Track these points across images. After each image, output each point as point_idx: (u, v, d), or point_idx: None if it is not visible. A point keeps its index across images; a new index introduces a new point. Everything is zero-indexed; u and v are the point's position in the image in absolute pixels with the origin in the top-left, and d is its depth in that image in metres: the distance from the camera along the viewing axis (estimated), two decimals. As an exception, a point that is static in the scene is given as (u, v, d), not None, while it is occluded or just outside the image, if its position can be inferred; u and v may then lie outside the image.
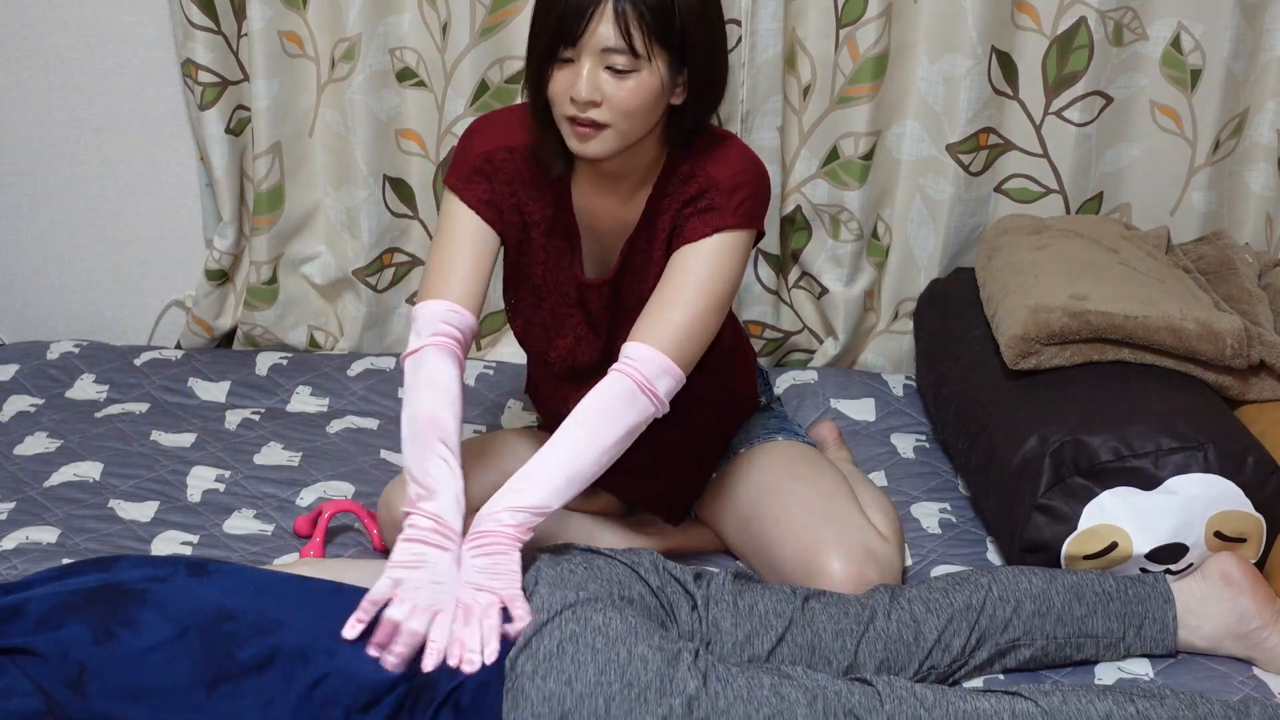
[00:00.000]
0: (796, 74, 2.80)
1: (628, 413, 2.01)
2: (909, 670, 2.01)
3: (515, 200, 2.13)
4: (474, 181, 2.12)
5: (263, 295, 3.00)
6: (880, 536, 2.19)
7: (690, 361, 2.06)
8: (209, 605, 1.82)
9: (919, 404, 2.82)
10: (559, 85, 1.97)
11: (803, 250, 2.95)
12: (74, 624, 1.77)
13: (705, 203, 2.05)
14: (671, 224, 2.09)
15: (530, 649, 1.82)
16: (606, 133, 1.98)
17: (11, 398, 2.84)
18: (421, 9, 2.80)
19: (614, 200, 2.12)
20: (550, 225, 2.15)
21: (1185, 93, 2.81)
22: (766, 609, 2.01)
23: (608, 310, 2.18)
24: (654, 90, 1.97)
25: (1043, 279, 2.49)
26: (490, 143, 2.13)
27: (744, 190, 2.06)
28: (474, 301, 2.10)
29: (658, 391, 2.02)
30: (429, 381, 2.03)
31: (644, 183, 2.11)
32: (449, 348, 2.06)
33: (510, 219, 2.14)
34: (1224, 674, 2.07)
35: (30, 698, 1.73)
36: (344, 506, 2.39)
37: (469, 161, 2.12)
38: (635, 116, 1.97)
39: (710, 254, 2.05)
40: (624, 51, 1.93)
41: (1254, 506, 2.18)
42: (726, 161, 2.07)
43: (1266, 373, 2.44)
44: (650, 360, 2.01)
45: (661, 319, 2.03)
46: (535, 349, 2.27)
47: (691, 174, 2.07)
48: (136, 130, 2.98)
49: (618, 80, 1.94)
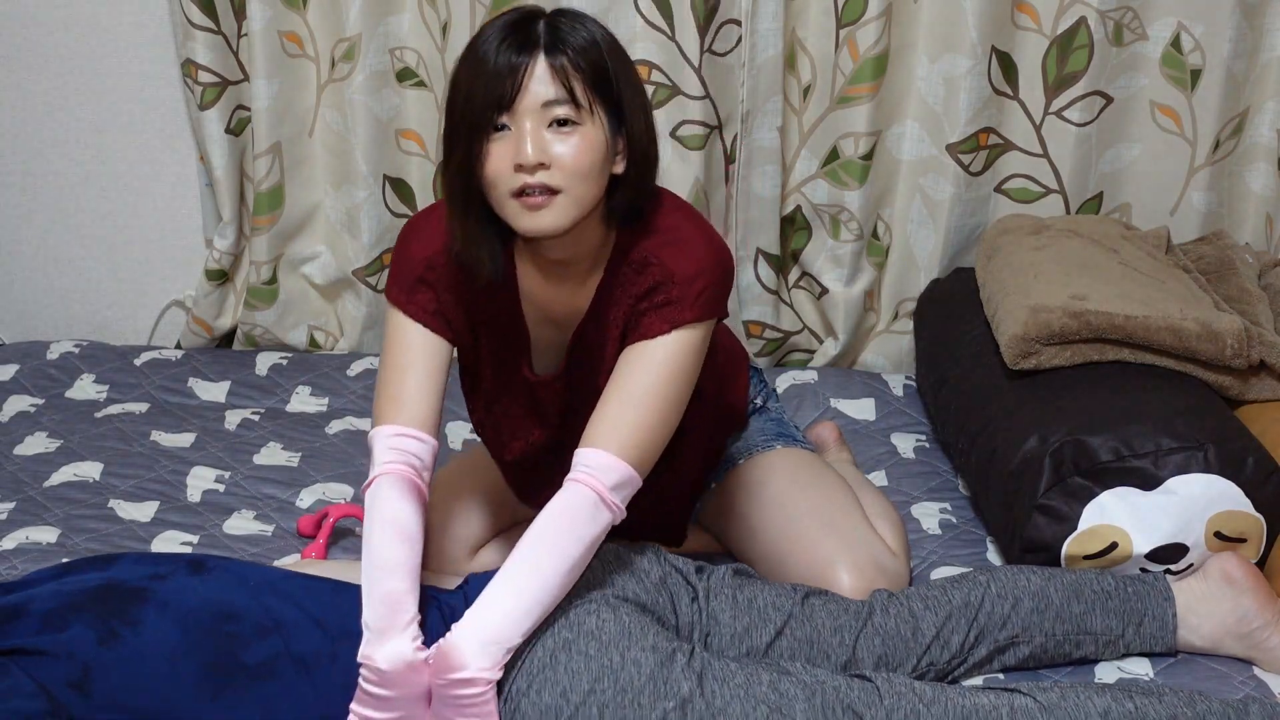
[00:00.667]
0: (796, 74, 2.80)
1: (589, 527, 1.87)
2: (907, 666, 2.01)
3: (462, 305, 2.01)
4: (418, 292, 1.99)
5: (263, 295, 3.00)
6: (888, 550, 2.19)
7: (649, 463, 1.92)
8: (211, 604, 1.83)
9: (919, 404, 2.82)
10: (498, 159, 1.83)
11: (803, 250, 2.95)
12: (78, 625, 1.77)
13: (662, 297, 1.92)
14: (625, 319, 1.96)
15: (523, 664, 1.82)
16: (559, 200, 1.83)
17: (11, 398, 2.84)
18: (421, 9, 2.80)
19: (564, 290, 2.00)
20: (496, 324, 2.04)
21: (1185, 93, 2.81)
22: (766, 603, 2.01)
23: (559, 407, 2.09)
24: (600, 147, 1.84)
25: (1042, 279, 2.49)
26: (429, 246, 1.99)
27: (703, 279, 1.92)
28: (429, 422, 1.97)
29: (617, 502, 1.89)
30: (383, 520, 1.90)
31: (592, 270, 1.98)
32: (405, 475, 1.92)
33: (459, 325, 2.03)
34: (1224, 674, 2.07)
35: (33, 699, 1.73)
36: (349, 510, 2.39)
37: (411, 271, 1.99)
38: (586, 177, 1.84)
39: (669, 351, 1.92)
40: (565, 101, 1.81)
41: (1254, 506, 2.18)
42: (684, 250, 1.94)
43: (1266, 373, 2.44)
44: (611, 469, 1.88)
45: (620, 421, 1.90)
46: (492, 449, 2.21)
47: (645, 263, 1.94)
48: (136, 130, 2.98)
49: (563, 137, 1.82)
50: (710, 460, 2.31)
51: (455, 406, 2.81)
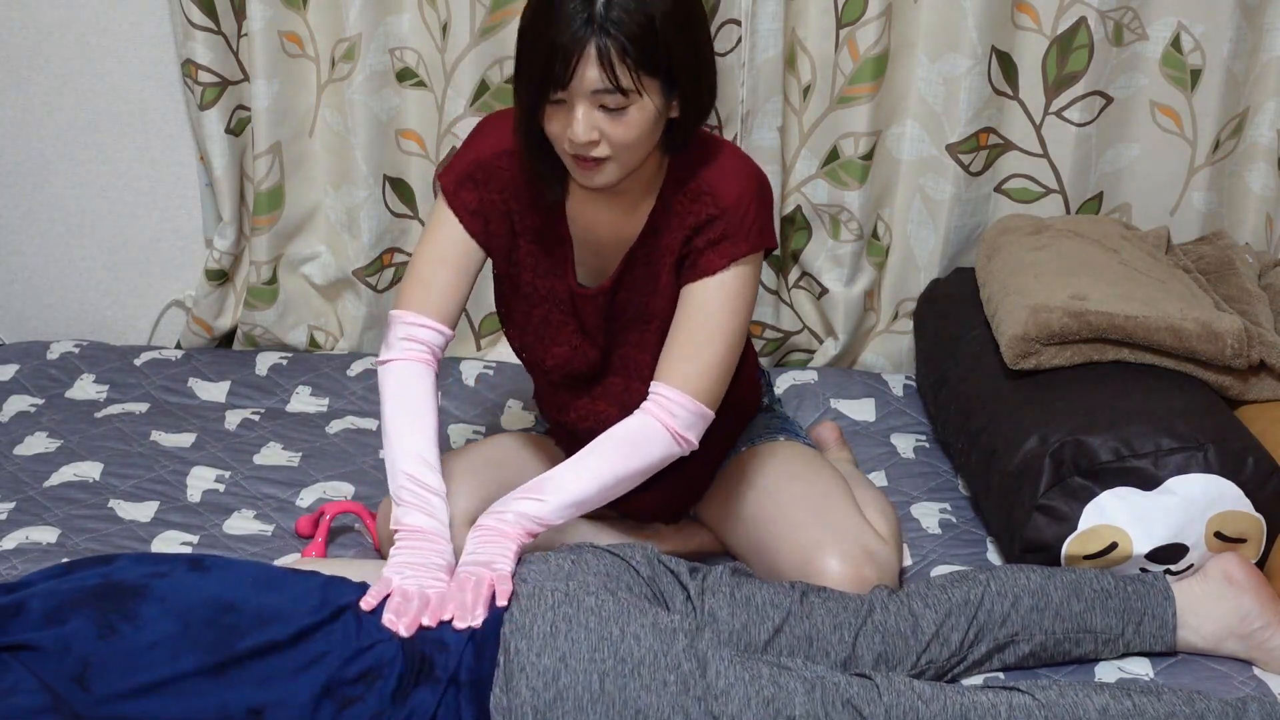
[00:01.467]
0: (796, 74, 2.80)
1: (656, 455, 2.05)
2: (906, 664, 2.02)
3: (505, 208, 2.13)
4: (463, 188, 2.12)
5: (263, 295, 3.00)
6: (879, 537, 2.19)
7: (719, 399, 2.08)
8: (210, 598, 1.83)
9: (919, 404, 2.82)
10: (555, 126, 1.96)
11: (803, 250, 2.95)
12: (77, 619, 1.78)
13: (718, 231, 2.04)
14: (680, 249, 2.07)
15: (525, 630, 1.83)
16: (609, 165, 1.97)
17: (11, 398, 2.84)
18: (421, 9, 2.80)
19: (613, 213, 2.11)
20: (540, 233, 2.14)
21: (1185, 93, 2.81)
22: (764, 600, 2.01)
23: (603, 319, 2.17)
24: (650, 119, 1.95)
25: (1043, 279, 2.49)
26: (491, 147, 2.12)
27: (752, 208, 2.05)
28: (450, 316, 2.14)
29: (689, 437, 2.06)
30: (403, 397, 2.09)
31: (645, 195, 2.10)
32: (422, 359, 2.11)
33: (496, 229, 2.14)
34: (1224, 674, 2.07)
35: (35, 694, 1.74)
36: (345, 507, 2.39)
37: (463, 166, 2.13)
38: (636, 147, 1.97)
39: (728, 287, 2.06)
40: (613, 91, 1.90)
41: (1254, 507, 2.18)
42: (730, 177, 2.06)
43: (1266, 373, 2.44)
44: (686, 409, 2.04)
45: (692, 361, 2.05)
46: (531, 357, 2.27)
47: (699, 192, 2.06)
48: (136, 130, 2.98)
49: (613, 118, 1.93)
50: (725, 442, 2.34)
51: (455, 407, 2.82)
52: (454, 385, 2.88)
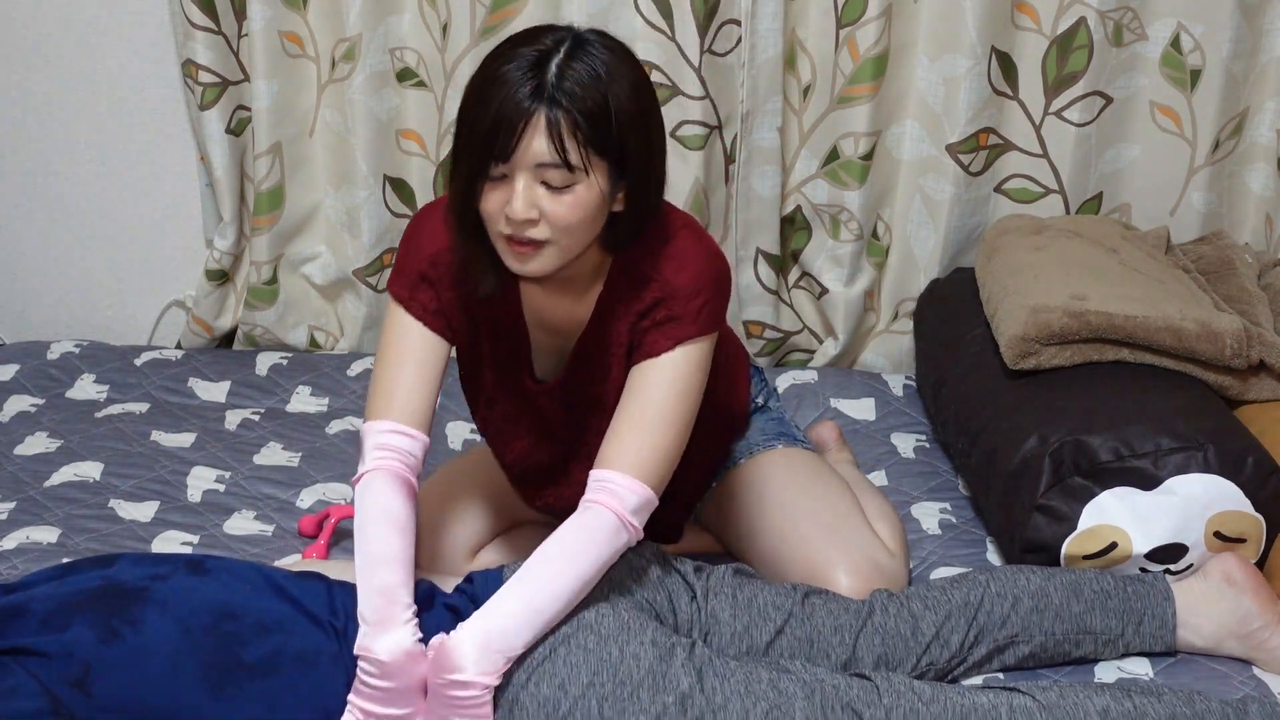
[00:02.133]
0: (796, 74, 2.80)
1: (607, 549, 1.89)
2: (907, 665, 2.02)
3: (463, 303, 2.01)
4: (419, 290, 2.00)
5: (263, 295, 3.00)
6: (887, 551, 2.19)
7: (665, 482, 1.95)
8: (211, 603, 1.83)
9: (919, 404, 2.82)
10: (492, 203, 1.84)
11: (803, 250, 2.95)
12: (79, 624, 1.78)
13: (664, 313, 1.94)
14: (629, 335, 1.97)
15: (522, 657, 1.82)
16: (547, 250, 1.86)
17: (11, 398, 2.84)
18: (421, 9, 2.80)
19: (565, 300, 2.01)
20: (496, 327, 2.05)
21: (1185, 93, 2.81)
22: (766, 602, 2.01)
23: (561, 412, 2.10)
24: (594, 203, 1.84)
25: (1042, 279, 2.49)
26: (435, 243, 1.99)
27: (703, 295, 1.94)
28: (423, 420, 1.98)
29: (636, 524, 1.91)
30: (375, 513, 1.92)
31: (594, 281, 2.00)
32: (397, 472, 1.94)
33: (459, 325, 2.03)
34: (1224, 674, 2.08)
35: (35, 698, 1.74)
36: (351, 512, 2.39)
37: (415, 267, 2.00)
38: (576, 231, 1.85)
39: (675, 368, 1.94)
40: (559, 166, 1.80)
41: (1254, 507, 2.18)
42: (683, 264, 1.94)
43: (1266, 373, 2.44)
44: (632, 492, 1.90)
45: (635, 444, 1.91)
46: (495, 450, 2.21)
47: (646, 278, 1.95)
48: (136, 130, 2.98)
49: (555, 196, 1.82)
50: (714, 462, 2.31)
51: (456, 406, 2.82)
52: (453, 385, 2.87)
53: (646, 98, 1.87)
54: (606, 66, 1.82)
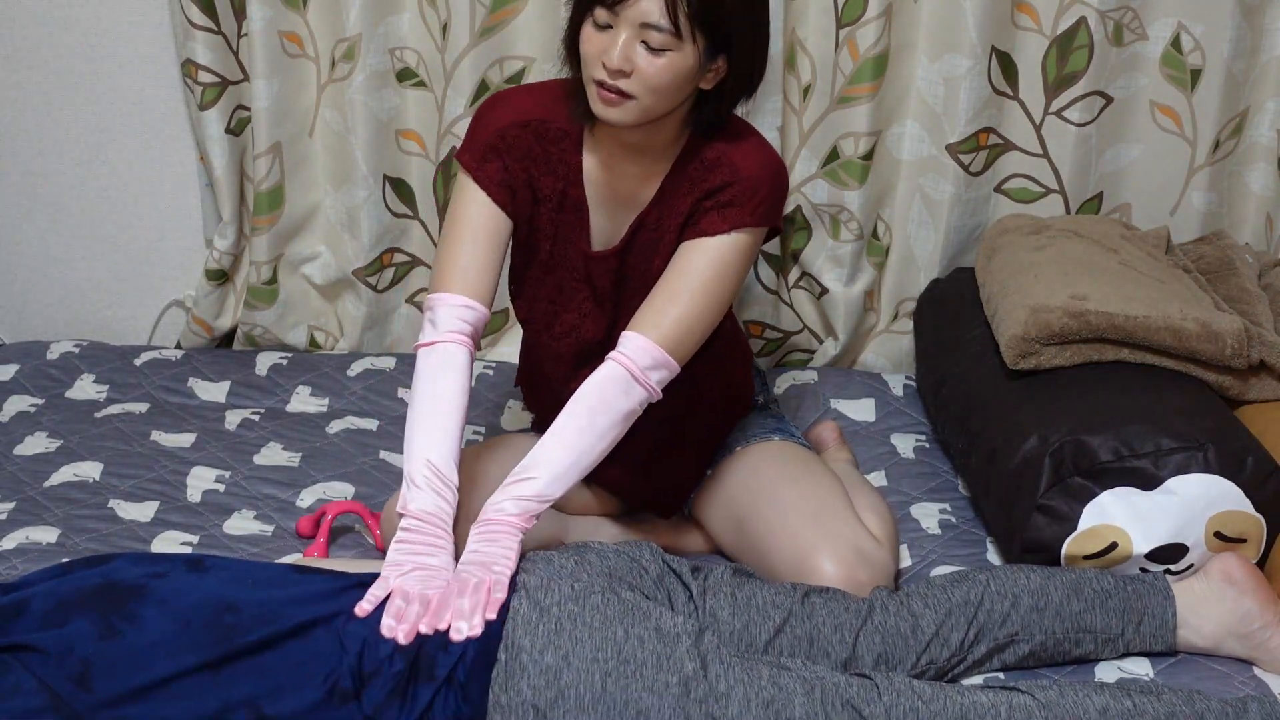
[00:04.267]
0: (796, 74, 2.80)
1: (622, 400, 2.04)
2: (906, 664, 2.02)
3: (527, 175, 2.14)
4: (488, 160, 2.13)
5: (263, 295, 3.00)
6: (873, 539, 2.19)
7: (687, 355, 2.08)
8: (210, 598, 1.84)
9: (919, 404, 2.82)
10: (592, 46, 1.97)
11: (803, 250, 2.95)
12: (78, 620, 1.78)
13: (727, 196, 2.06)
14: (689, 210, 2.09)
15: (529, 627, 1.83)
16: (630, 104, 1.98)
17: (11, 398, 2.84)
18: (421, 9, 2.80)
19: (629, 174, 2.13)
20: (559, 199, 2.15)
21: (1185, 93, 2.81)
22: (765, 600, 2.01)
23: (613, 283, 2.18)
24: (686, 71, 1.96)
25: (1042, 279, 2.49)
26: (505, 117, 2.13)
27: (767, 186, 2.07)
28: (488, 294, 2.13)
29: (650, 381, 2.05)
30: (442, 378, 2.07)
31: (661, 159, 2.11)
32: (464, 344, 2.10)
33: (522, 196, 2.15)
34: (1224, 674, 2.08)
35: (35, 695, 1.74)
36: (346, 507, 2.39)
37: (484, 138, 2.13)
38: (662, 93, 1.97)
39: (722, 251, 2.07)
40: (664, 30, 1.92)
41: (1254, 506, 2.18)
42: (751, 156, 2.08)
43: (1266, 373, 2.44)
44: (646, 352, 2.04)
45: (663, 312, 2.06)
46: (540, 325, 2.27)
47: (717, 162, 2.07)
48: (136, 130, 2.98)
49: (651, 55, 1.94)
50: (716, 436, 2.34)
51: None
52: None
53: None
54: None
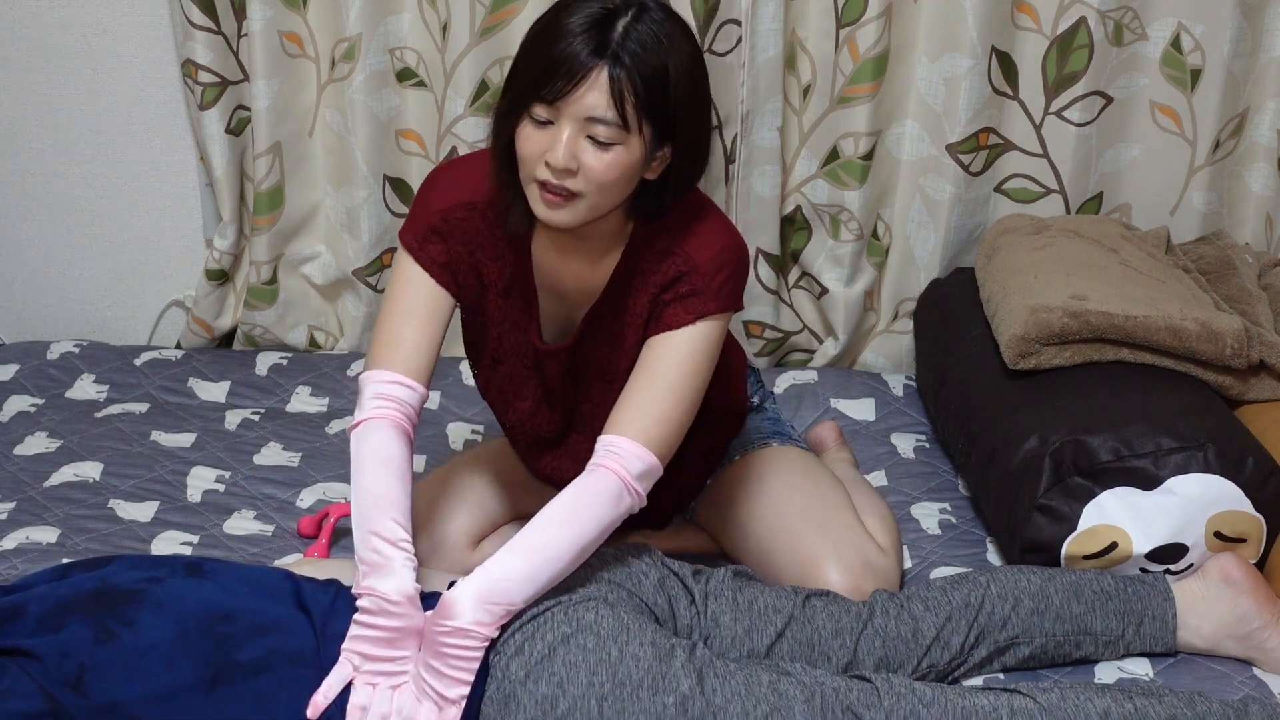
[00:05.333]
0: (796, 74, 2.80)
1: (610, 511, 1.92)
2: (908, 668, 2.02)
3: (472, 260, 2.04)
4: (430, 242, 2.02)
5: (263, 295, 3.00)
6: (878, 548, 2.19)
7: (670, 453, 1.98)
8: (206, 605, 1.83)
9: (919, 404, 2.82)
10: (532, 145, 1.86)
11: (803, 250, 2.95)
12: (74, 624, 1.78)
13: (686, 287, 1.97)
14: (649, 307, 2.00)
15: (522, 654, 1.82)
16: (578, 203, 1.88)
17: (11, 398, 2.84)
18: (421, 9, 2.80)
19: (577, 263, 2.03)
20: (508, 286, 2.06)
21: (1185, 93, 2.81)
22: (766, 605, 2.01)
23: (565, 378, 2.11)
24: (633, 164, 1.87)
25: (1042, 279, 2.49)
26: (449, 198, 2.03)
27: (725, 271, 1.98)
28: (422, 373, 2.01)
29: (640, 490, 1.94)
30: (375, 458, 1.94)
31: (609, 250, 2.02)
32: (395, 421, 1.97)
33: (466, 281, 2.05)
34: (1224, 674, 2.08)
35: (31, 698, 1.73)
36: (349, 509, 2.39)
37: (426, 220, 2.03)
38: (610, 189, 1.88)
39: (692, 343, 1.98)
40: (612, 124, 1.83)
41: (1254, 507, 2.18)
42: (707, 240, 1.98)
43: (1266, 373, 2.44)
44: (637, 458, 1.93)
45: (645, 414, 1.95)
46: (495, 411, 2.23)
47: (668, 251, 1.98)
48: (136, 130, 2.98)
49: (598, 150, 1.84)
50: (711, 459, 2.31)
51: (456, 406, 2.82)
52: (453, 385, 2.89)
53: (700, 72, 1.91)
54: (669, 36, 1.86)
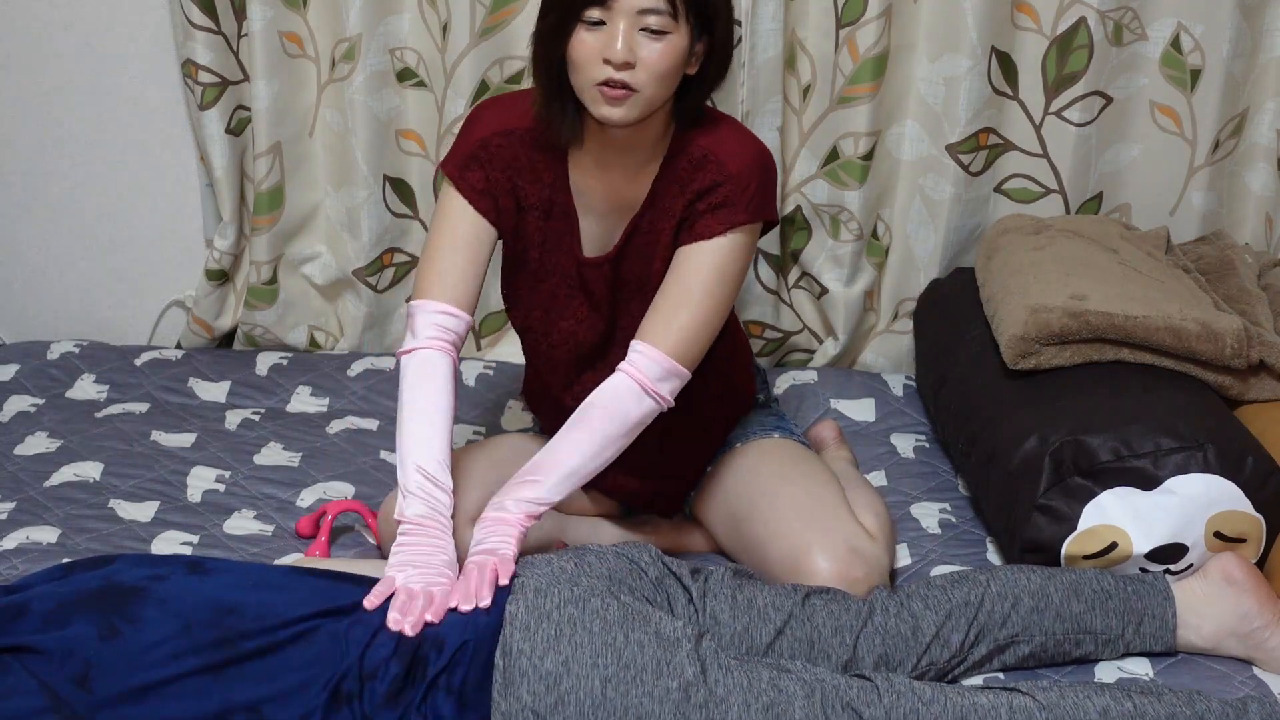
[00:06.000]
0: (796, 74, 2.80)
1: (631, 411, 2.06)
2: (907, 666, 2.02)
3: (510, 185, 2.14)
4: (469, 169, 2.13)
5: (263, 295, 3.00)
6: (868, 536, 2.19)
7: (695, 360, 2.10)
8: (211, 600, 1.84)
9: (919, 404, 2.82)
10: (587, 48, 1.96)
11: (803, 250, 2.95)
12: (79, 621, 1.78)
13: (719, 196, 2.07)
14: (682, 212, 2.10)
15: (529, 631, 1.83)
16: (636, 97, 1.98)
17: (11, 398, 2.84)
18: (421, 9, 2.80)
19: (617, 177, 2.13)
20: (547, 207, 2.16)
21: (1185, 93, 2.81)
22: (766, 603, 2.01)
23: (608, 288, 2.19)
24: (682, 53, 1.98)
25: (1042, 279, 2.49)
26: (488, 128, 2.14)
27: (755, 180, 2.08)
28: (469, 301, 2.14)
29: (661, 392, 2.07)
30: (424, 384, 2.09)
31: (649, 161, 2.12)
32: (444, 350, 2.11)
33: (505, 205, 2.15)
34: (1224, 674, 2.08)
35: (34, 696, 1.74)
36: (346, 506, 2.39)
37: (466, 148, 2.14)
38: (665, 79, 1.98)
39: (721, 253, 2.08)
40: (664, 12, 1.94)
41: (1254, 507, 2.18)
42: (737, 150, 2.09)
43: (1266, 373, 2.44)
44: (656, 363, 2.06)
45: (669, 320, 2.07)
46: (536, 334, 2.27)
47: (703, 159, 2.08)
48: (136, 130, 2.98)
49: (651, 41, 1.95)
50: (717, 434, 2.35)
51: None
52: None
53: None
54: None
